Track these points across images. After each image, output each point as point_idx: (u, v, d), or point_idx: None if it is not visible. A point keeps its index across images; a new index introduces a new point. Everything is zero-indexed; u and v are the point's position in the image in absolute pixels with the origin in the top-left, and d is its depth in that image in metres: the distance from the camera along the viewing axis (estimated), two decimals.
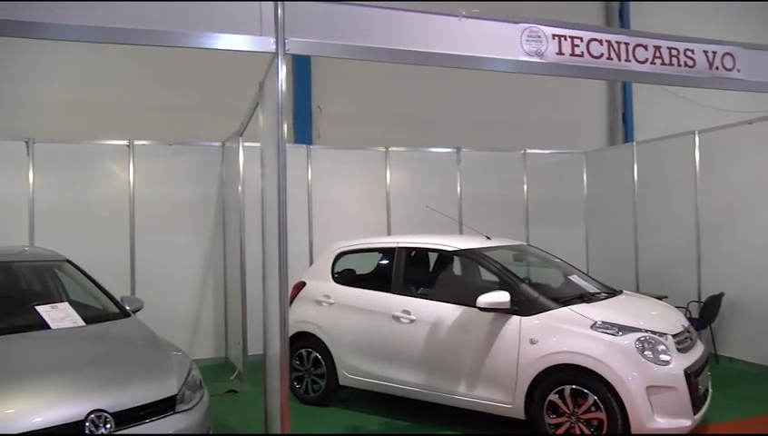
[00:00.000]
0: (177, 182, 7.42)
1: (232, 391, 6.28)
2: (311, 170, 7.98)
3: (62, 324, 4.16)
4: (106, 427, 3.27)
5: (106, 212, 7.11)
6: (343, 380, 5.65)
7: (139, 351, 4.14)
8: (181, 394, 3.69)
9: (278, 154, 3.76)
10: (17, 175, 6.83)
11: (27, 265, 5.07)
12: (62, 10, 3.57)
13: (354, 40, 4.14)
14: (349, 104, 9.84)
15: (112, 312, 4.64)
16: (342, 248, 6.09)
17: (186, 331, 7.20)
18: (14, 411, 3.18)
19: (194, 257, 7.45)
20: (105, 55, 8.19)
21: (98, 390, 3.44)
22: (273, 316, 4.14)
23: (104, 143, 7.26)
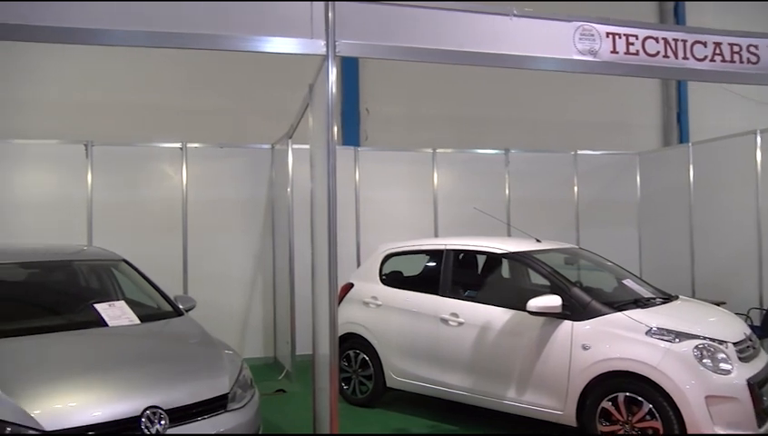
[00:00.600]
0: (228, 183, 7.56)
1: (281, 391, 6.35)
2: (359, 172, 8.01)
3: (119, 322, 4.28)
4: (161, 423, 3.34)
5: (160, 212, 7.30)
6: (390, 382, 5.64)
7: (192, 349, 4.22)
8: (232, 393, 3.74)
9: (328, 157, 3.77)
10: (77, 177, 7.09)
11: (86, 264, 5.24)
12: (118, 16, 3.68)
13: (403, 41, 4.12)
14: (396, 105, 9.85)
15: (166, 310, 4.74)
16: (390, 250, 6.08)
17: (236, 331, 7.32)
18: (75, 405, 3.28)
19: (244, 257, 7.57)
20: (159, 60, 8.40)
21: (153, 386, 3.52)
22: (322, 317, 4.16)
23: (159, 146, 7.45)
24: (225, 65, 8.70)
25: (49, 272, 4.99)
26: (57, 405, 3.23)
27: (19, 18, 3.52)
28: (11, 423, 3.07)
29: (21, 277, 4.93)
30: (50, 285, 4.93)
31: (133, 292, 5.03)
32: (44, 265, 5.01)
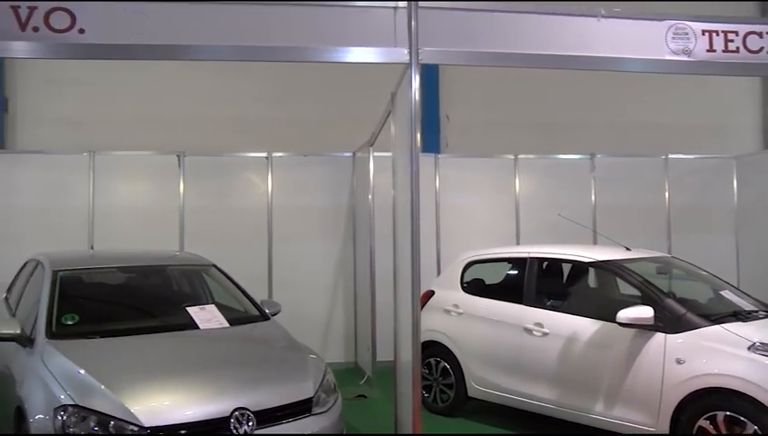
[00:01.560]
0: (311, 191, 7.73)
1: (362, 396, 6.40)
2: (439, 179, 7.98)
3: (209, 325, 4.45)
4: (249, 424, 3.44)
5: (247, 219, 7.56)
6: (472, 391, 5.56)
7: (278, 353, 4.33)
8: (317, 397, 3.81)
9: (411, 164, 3.78)
10: (170, 186, 7.46)
11: (179, 269, 5.48)
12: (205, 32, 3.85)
13: (486, 46, 4.08)
14: (477, 111, 9.74)
15: (253, 314, 4.89)
16: (472, 257, 6.02)
17: (318, 335, 7.43)
18: (170, 403, 3.45)
19: (326, 263, 7.71)
20: (246, 73, 8.69)
21: (242, 388, 3.64)
22: (404, 324, 4.17)
23: (246, 156, 7.73)
24: (308, 76, 8.91)
25: (145, 277, 5.27)
26: (154, 403, 3.41)
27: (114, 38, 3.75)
28: (114, 418, 3.26)
29: (120, 281, 5.23)
30: (146, 289, 5.20)
31: (222, 296, 5.22)
32: (140, 270, 5.29)
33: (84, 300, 4.73)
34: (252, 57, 3.93)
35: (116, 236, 7.25)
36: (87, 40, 3.68)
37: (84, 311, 4.47)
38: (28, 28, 3.60)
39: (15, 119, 8.86)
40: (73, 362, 3.67)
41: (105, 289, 5.11)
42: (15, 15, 3.58)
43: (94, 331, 4.21)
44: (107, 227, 7.32)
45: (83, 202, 7.31)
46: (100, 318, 4.58)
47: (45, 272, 4.65)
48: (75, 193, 7.33)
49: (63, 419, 3.27)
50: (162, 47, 3.87)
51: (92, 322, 4.38)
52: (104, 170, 7.42)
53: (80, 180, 7.34)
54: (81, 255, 5.85)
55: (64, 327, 4.17)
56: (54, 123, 8.81)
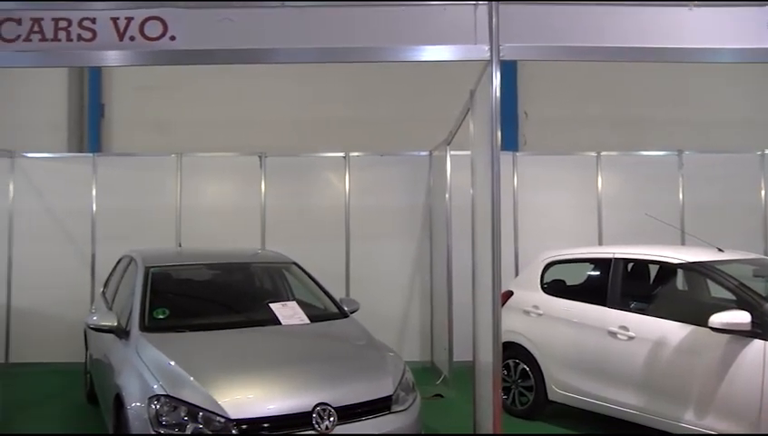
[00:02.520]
0: (388, 190, 7.77)
1: (439, 396, 6.38)
2: (517, 177, 7.83)
3: (291, 321, 4.56)
4: (330, 420, 3.50)
5: (325, 218, 7.70)
6: (552, 394, 5.43)
7: (358, 350, 4.37)
8: (396, 395, 3.82)
9: (492, 163, 3.73)
10: (252, 186, 7.71)
11: (261, 266, 5.65)
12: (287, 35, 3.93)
13: (569, 40, 3.97)
14: (556, 107, 9.50)
15: (332, 312, 4.97)
16: (552, 257, 5.87)
17: (394, 334, 7.45)
18: (253, 397, 3.55)
19: (403, 262, 7.73)
20: (324, 75, 8.86)
21: (323, 384, 3.70)
22: (484, 325, 4.13)
23: (324, 156, 7.87)
24: (385, 76, 8.97)
25: (230, 273, 5.46)
26: (240, 396, 3.52)
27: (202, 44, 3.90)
28: (203, 409, 3.39)
29: (206, 277, 5.45)
30: (230, 285, 5.39)
31: (303, 293, 5.33)
32: (225, 267, 5.49)
33: (173, 295, 4.95)
34: (334, 59, 4.00)
35: (201, 234, 7.57)
36: (178, 47, 3.86)
37: (174, 305, 4.68)
38: (125, 38, 3.81)
39: (111, 124, 9.41)
40: (165, 355, 3.85)
41: (192, 285, 5.33)
42: (114, 27, 3.79)
43: (183, 325, 4.40)
44: (193, 225, 7.66)
45: (171, 201, 7.67)
46: (188, 313, 4.78)
47: (138, 268, 4.90)
48: (164, 192, 7.70)
49: (156, 408, 3.43)
50: (246, 51, 4.00)
51: (180, 317, 4.59)
52: (191, 171, 7.76)
53: (169, 180, 7.71)
54: (170, 252, 6.12)
55: (155, 321, 4.38)
56: (145, 127, 9.29)
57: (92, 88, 9.29)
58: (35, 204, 7.71)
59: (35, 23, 3.80)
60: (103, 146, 9.27)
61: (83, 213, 7.67)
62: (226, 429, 3.33)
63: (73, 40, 3.82)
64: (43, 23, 3.80)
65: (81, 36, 3.83)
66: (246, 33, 3.95)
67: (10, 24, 3.78)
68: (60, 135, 9.24)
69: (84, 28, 3.83)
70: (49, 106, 9.32)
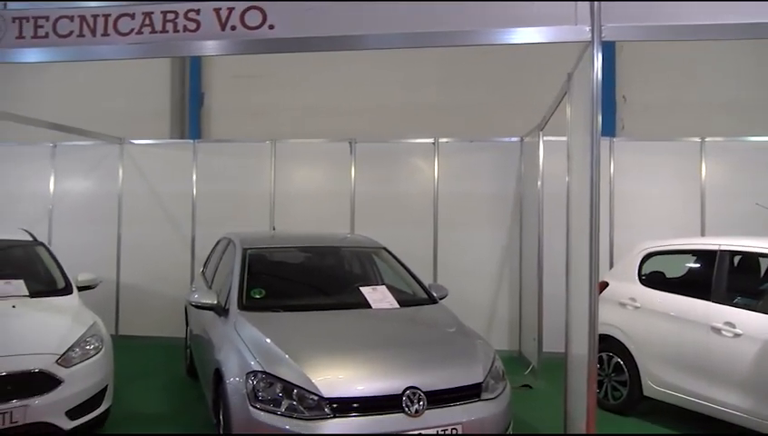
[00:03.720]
0: (477, 177, 7.68)
1: (527, 386, 6.28)
2: (614, 164, 7.52)
3: (380, 305, 4.62)
4: (419, 404, 3.51)
5: (413, 204, 7.71)
6: (648, 390, 5.21)
7: (447, 336, 4.37)
8: (485, 383, 3.79)
9: (591, 149, 3.61)
10: (342, 171, 7.84)
11: (352, 250, 5.75)
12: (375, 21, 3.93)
13: (674, 18, 3.73)
14: (657, 90, 9.03)
15: (421, 297, 4.99)
16: (652, 248, 5.61)
17: (481, 322, 7.38)
18: (345, 377, 3.63)
19: (491, 251, 7.63)
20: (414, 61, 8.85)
21: (413, 368, 3.72)
22: (578, 316, 4.01)
23: (413, 142, 7.87)
24: (476, 61, 8.85)
25: (321, 257, 5.59)
26: (332, 375, 3.60)
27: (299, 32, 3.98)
28: (297, 386, 3.50)
29: (299, 259, 5.61)
30: (322, 268, 5.52)
31: (392, 278, 5.38)
32: (317, 250, 5.63)
33: (268, 276, 5.13)
34: (427, 43, 3.97)
35: (293, 218, 7.79)
36: (276, 35, 3.96)
37: (269, 286, 4.84)
38: (227, 27, 3.95)
39: (210, 111, 9.84)
40: (261, 333, 4.00)
41: (286, 267, 5.51)
42: (217, 17, 3.94)
43: (278, 305, 4.56)
44: (286, 209, 7.89)
45: (265, 186, 7.94)
46: (282, 293, 4.94)
47: (237, 249, 5.12)
48: (259, 177, 7.97)
49: (253, 383, 3.58)
50: (340, 38, 4.04)
51: (275, 297, 4.75)
52: (284, 156, 7.98)
53: (263, 166, 7.97)
54: (265, 235, 6.35)
55: (252, 300, 4.56)
56: (242, 114, 9.66)
57: (192, 78, 9.75)
58: (141, 188, 8.20)
59: (146, 16, 4.01)
60: (202, 133, 9.72)
61: (184, 197, 8.09)
62: (319, 407, 3.43)
63: (179, 31, 4.00)
64: (153, 16, 4.01)
65: (186, 27, 4.01)
66: (339, 20, 3.98)
67: (125, 18, 4.01)
68: (163, 123, 9.77)
69: (189, 19, 4.00)
70: (154, 96, 9.86)
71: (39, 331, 4.50)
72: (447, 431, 3.50)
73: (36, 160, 8.39)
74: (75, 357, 4.33)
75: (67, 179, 8.39)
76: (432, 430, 3.47)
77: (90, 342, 4.52)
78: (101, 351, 4.56)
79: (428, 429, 3.47)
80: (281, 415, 3.44)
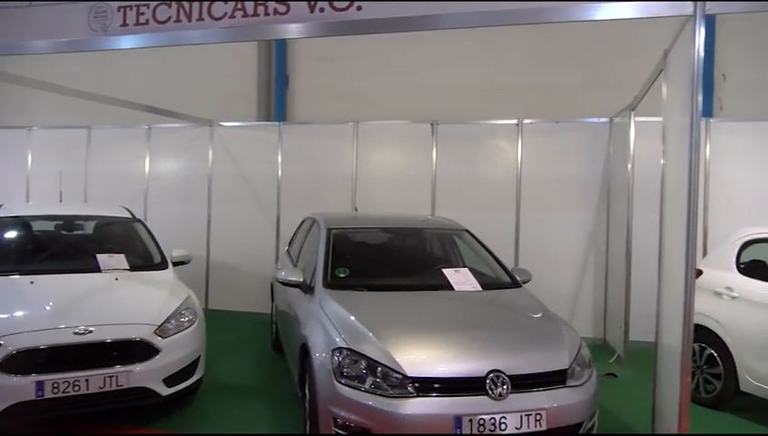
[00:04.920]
0: (562, 159, 7.46)
1: (611, 375, 6.10)
2: (710, 146, 7.11)
3: (463, 287, 4.61)
4: (503, 388, 3.49)
5: (495, 187, 7.59)
6: (745, 385, 4.94)
7: (531, 320, 4.30)
8: (571, 369, 3.71)
9: (691, 130, 3.41)
10: (423, 153, 7.82)
11: (434, 232, 5.75)
12: None
13: None
14: (759, 68, 8.44)
15: (504, 281, 4.94)
16: (752, 235, 5.29)
17: (565, 308, 7.21)
18: (428, 357, 3.63)
19: (576, 235, 7.42)
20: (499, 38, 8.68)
21: (497, 351, 3.70)
22: (671, 305, 3.85)
23: (496, 123, 7.72)
24: (564, 38, 8.58)
25: (403, 238, 5.63)
26: (415, 355, 3.61)
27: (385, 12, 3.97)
28: (381, 364, 3.55)
29: (381, 240, 5.67)
30: (404, 249, 5.56)
31: (474, 260, 5.35)
32: (399, 231, 5.67)
33: (352, 256, 5.21)
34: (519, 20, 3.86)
35: (374, 199, 7.87)
36: (363, 16, 3.97)
37: (352, 265, 4.93)
38: (315, 9, 4.00)
39: (295, 94, 10.04)
40: (346, 310, 4.08)
41: (369, 247, 5.58)
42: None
43: (361, 284, 4.63)
44: (367, 191, 7.98)
45: (347, 167, 8.04)
46: (365, 273, 5.01)
47: (321, 229, 5.23)
48: (341, 159, 8.08)
49: (338, 359, 3.66)
50: (426, 18, 3.99)
51: (358, 276, 4.82)
52: (366, 138, 8.05)
53: (345, 147, 8.07)
54: (347, 216, 6.46)
55: (336, 278, 4.66)
56: (325, 96, 9.80)
57: (278, 61, 9.97)
58: (229, 169, 8.51)
59: (239, 1, 4.12)
60: (287, 115, 9.95)
61: (269, 178, 8.33)
62: (402, 385, 3.47)
63: (270, 14, 4.09)
64: (245, 2, 4.11)
65: (276, 10, 4.09)
66: None
67: (219, 3, 4.14)
68: (250, 105, 10.06)
69: (280, 2, 4.08)
70: (241, 79, 10.16)
71: (139, 303, 4.79)
72: (530, 415, 3.46)
73: (133, 142, 8.86)
74: (171, 328, 4.58)
75: (161, 160, 8.83)
76: (516, 414, 3.44)
77: (184, 315, 4.77)
78: (194, 323, 4.80)
79: (512, 413, 3.44)
80: (365, 391, 3.51)
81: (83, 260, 5.36)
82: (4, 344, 4.01)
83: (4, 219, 5.78)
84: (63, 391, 4.03)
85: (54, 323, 4.25)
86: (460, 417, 3.37)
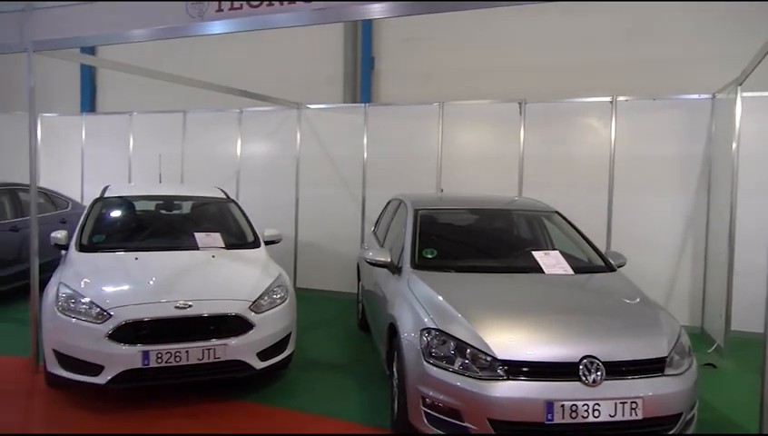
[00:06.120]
0: (659, 138, 7.09)
1: (710, 365, 5.80)
2: None
3: (553, 270, 4.50)
4: (597, 374, 3.39)
5: (586, 168, 7.33)
6: None
7: (628, 306, 4.14)
8: (670, 357, 3.55)
9: None
10: (511, 133, 7.65)
11: (522, 213, 5.64)
12: None
13: None
14: None
15: (597, 264, 4.78)
16: None
17: (659, 294, 6.90)
18: (518, 340, 3.57)
19: (673, 218, 7.05)
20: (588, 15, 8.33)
21: (590, 336, 3.59)
22: None
23: (587, 101, 7.42)
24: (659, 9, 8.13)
25: (491, 219, 5.55)
26: (505, 337, 3.56)
27: None
28: (470, 345, 3.53)
29: (468, 222, 5.62)
30: (491, 231, 5.49)
31: (564, 243, 5.20)
32: (487, 212, 5.59)
33: (439, 237, 5.20)
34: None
35: (459, 180, 7.80)
36: None
37: (440, 246, 4.91)
38: None
39: (380, 75, 10.07)
40: (434, 291, 4.08)
41: (456, 228, 5.55)
42: None
43: (448, 265, 4.61)
44: (452, 172, 7.91)
45: (432, 148, 7.99)
46: (452, 254, 5.00)
47: (408, 210, 5.24)
48: (427, 140, 8.04)
49: (427, 339, 3.67)
50: None
51: (446, 257, 4.81)
52: (452, 119, 7.96)
53: (431, 128, 8.01)
54: (434, 197, 6.43)
55: (424, 259, 4.66)
56: (410, 77, 9.77)
57: (364, 43, 10.02)
58: (316, 150, 8.67)
59: None
60: (372, 97, 9.99)
61: (355, 159, 8.42)
62: (492, 368, 3.43)
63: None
64: None
65: None
66: None
67: None
68: (336, 88, 10.18)
69: None
70: (328, 62, 10.29)
71: (234, 280, 4.98)
72: (626, 403, 3.35)
73: (226, 125, 9.19)
74: (264, 305, 4.75)
75: (251, 142, 9.11)
76: (610, 401, 3.34)
77: (276, 292, 4.92)
78: (286, 300, 4.95)
79: (606, 400, 3.34)
80: (454, 372, 3.50)
81: (182, 238, 5.65)
82: (114, 315, 4.29)
83: (110, 199, 6.16)
84: (165, 361, 4.28)
85: (157, 297, 4.50)
86: (552, 402, 3.31)
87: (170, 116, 9.54)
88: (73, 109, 11.95)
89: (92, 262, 5.07)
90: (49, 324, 4.44)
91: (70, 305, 4.42)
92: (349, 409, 4.58)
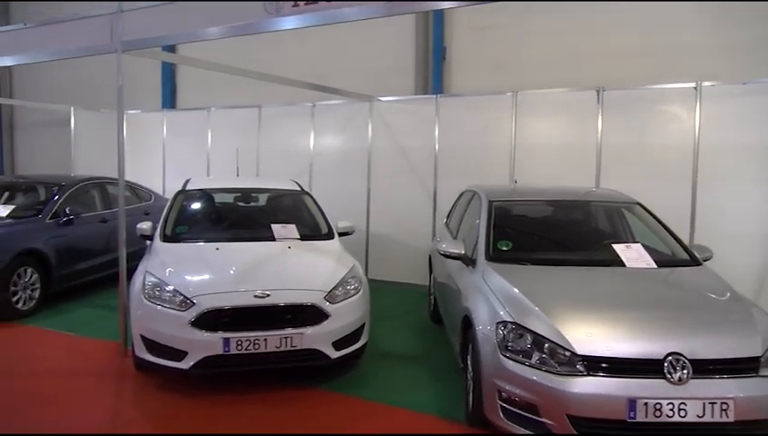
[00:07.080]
0: (748, 125, 6.67)
1: None
2: None
3: (635, 264, 4.34)
4: (683, 372, 3.25)
5: (668, 157, 7.00)
6: None
7: (716, 301, 3.95)
8: (765, 357, 3.36)
9: None
10: (587, 122, 7.41)
11: (600, 205, 5.46)
12: None
13: None
14: None
15: (681, 258, 4.58)
16: None
17: (749, 291, 6.51)
18: (599, 335, 3.46)
19: (763, 210, 6.63)
20: None
21: (676, 333, 3.45)
22: None
23: (670, 87, 7.08)
24: None
25: (568, 211, 5.42)
26: (585, 332, 3.47)
27: None
28: (548, 339, 3.46)
29: (544, 213, 5.50)
30: (568, 223, 5.35)
31: (646, 235, 5.00)
32: (564, 204, 5.46)
33: (514, 229, 5.11)
34: None
35: (533, 171, 7.63)
36: None
37: (515, 238, 4.83)
38: None
39: (451, 65, 9.97)
40: (510, 284, 4.02)
41: (531, 220, 5.45)
42: None
43: (524, 257, 4.52)
44: (526, 162, 7.75)
45: (506, 138, 7.85)
46: (528, 246, 4.90)
47: (482, 202, 5.18)
48: (499, 130, 7.90)
49: (503, 333, 3.62)
50: None
51: (522, 250, 4.72)
52: (525, 108, 7.79)
53: (504, 118, 7.87)
54: (508, 188, 6.32)
55: (499, 251, 4.60)
56: (482, 67, 9.62)
57: (435, 33, 9.93)
58: (388, 143, 8.69)
59: None
60: (444, 87, 9.91)
61: (426, 150, 8.39)
62: (571, 363, 3.35)
63: None
64: None
65: None
66: None
67: None
68: (407, 79, 10.15)
69: None
70: (399, 53, 10.27)
71: (309, 270, 5.07)
72: (715, 404, 3.19)
73: (299, 119, 9.36)
74: (339, 295, 4.81)
75: (324, 135, 9.24)
76: (697, 401, 3.20)
77: (350, 283, 4.98)
78: (360, 291, 5.00)
79: (693, 399, 3.20)
80: (531, 366, 3.44)
81: (259, 229, 5.80)
82: (197, 303, 4.46)
83: (191, 191, 6.39)
84: (245, 348, 4.41)
85: (237, 287, 4.65)
86: (635, 400, 3.20)
87: (246, 111, 9.81)
88: (154, 106, 12.47)
89: (175, 251, 5.28)
90: (137, 311, 4.67)
91: (155, 293, 4.62)
92: (423, 401, 4.58)
